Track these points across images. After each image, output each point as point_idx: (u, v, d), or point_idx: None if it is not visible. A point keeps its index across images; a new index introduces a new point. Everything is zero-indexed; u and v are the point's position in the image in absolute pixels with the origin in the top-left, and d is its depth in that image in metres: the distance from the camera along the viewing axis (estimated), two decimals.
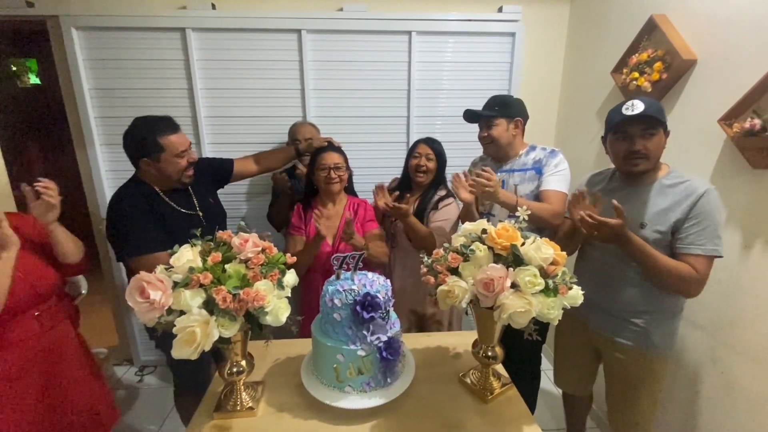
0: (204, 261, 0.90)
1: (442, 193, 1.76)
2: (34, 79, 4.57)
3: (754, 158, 1.22)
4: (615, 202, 1.13)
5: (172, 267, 0.88)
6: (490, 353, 1.11)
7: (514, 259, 0.93)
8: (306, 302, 1.72)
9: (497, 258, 0.97)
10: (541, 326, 0.92)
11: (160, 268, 0.89)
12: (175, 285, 0.86)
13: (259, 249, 0.96)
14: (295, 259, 1.01)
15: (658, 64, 1.56)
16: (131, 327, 2.44)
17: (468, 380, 1.14)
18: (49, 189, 1.15)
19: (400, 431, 0.98)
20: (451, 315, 1.81)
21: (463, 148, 2.08)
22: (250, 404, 1.04)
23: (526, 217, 1.03)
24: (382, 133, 2.30)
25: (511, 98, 1.68)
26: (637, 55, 1.66)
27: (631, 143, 1.20)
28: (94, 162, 2.14)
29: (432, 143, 1.75)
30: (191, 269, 0.87)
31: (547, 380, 2.30)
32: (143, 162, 1.39)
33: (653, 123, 1.17)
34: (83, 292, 1.57)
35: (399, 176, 1.92)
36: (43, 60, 4.17)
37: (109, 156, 2.17)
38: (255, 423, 1.02)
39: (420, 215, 1.73)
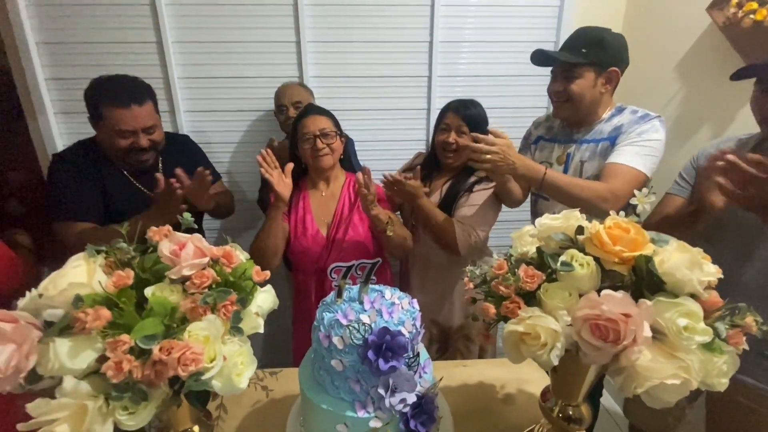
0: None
1: (482, 174, 1.33)
2: None
3: None
4: (757, 156, 0.70)
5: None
6: (571, 413, 0.72)
7: (645, 283, 0.53)
8: (300, 310, 1.35)
9: (605, 276, 0.58)
10: None
11: (30, 295, 0.52)
12: (48, 327, 0.49)
13: (206, 260, 0.57)
14: (267, 274, 0.63)
15: None
16: None
17: None
18: None
19: None
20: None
21: (500, 116, 1.65)
22: None
23: (647, 207, 0.63)
24: (398, 97, 1.87)
25: (609, 36, 1.13)
26: None
27: None
28: (47, 133, 1.76)
29: (465, 110, 1.32)
30: (77, 300, 0.49)
31: None
32: (94, 124, 1.19)
33: None
34: None
35: (424, 151, 1.51)
36: None
37: (66, 127, 1.78)
38: None
39: (449, 205, 1.33)
